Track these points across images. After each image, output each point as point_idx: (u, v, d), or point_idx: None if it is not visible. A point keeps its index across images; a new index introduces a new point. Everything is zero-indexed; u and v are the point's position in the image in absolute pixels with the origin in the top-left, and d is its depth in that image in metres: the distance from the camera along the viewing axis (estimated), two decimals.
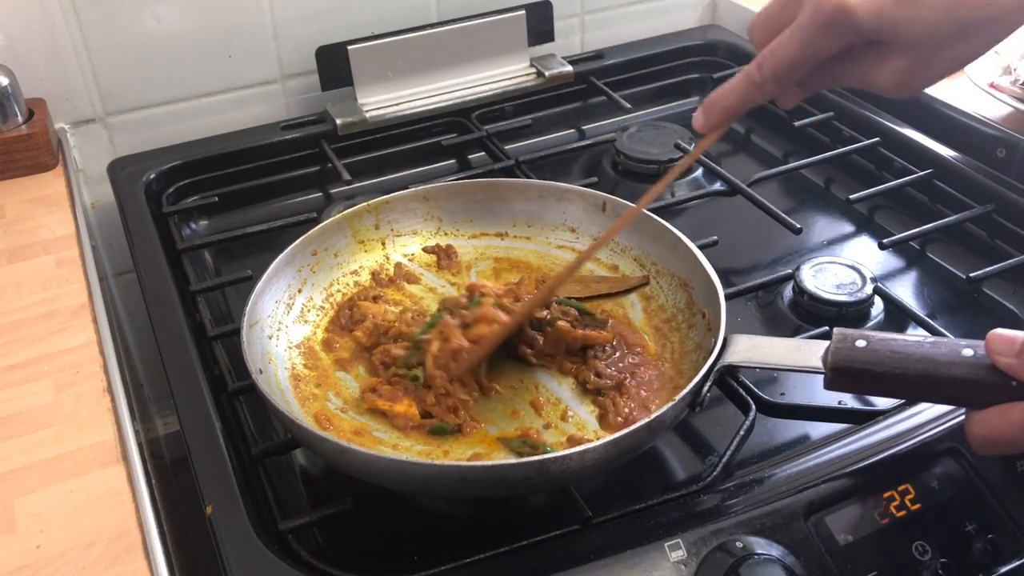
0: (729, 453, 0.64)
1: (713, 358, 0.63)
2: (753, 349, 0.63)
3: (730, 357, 0.63)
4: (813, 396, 0.72)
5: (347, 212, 0.81)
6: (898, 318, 0.79)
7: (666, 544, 0.57)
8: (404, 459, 0.60)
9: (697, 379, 0.61)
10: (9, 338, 0.74)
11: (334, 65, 1.04)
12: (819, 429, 0.69)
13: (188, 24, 1.01)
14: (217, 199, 0.98)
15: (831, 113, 1.05)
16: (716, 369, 0.63)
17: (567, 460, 0.56)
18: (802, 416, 0.70)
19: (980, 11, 0.51)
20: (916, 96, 1.03)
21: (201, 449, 0.65)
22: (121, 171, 0.99)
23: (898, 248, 0.89)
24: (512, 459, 0.62)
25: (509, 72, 1.11)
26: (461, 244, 0.85)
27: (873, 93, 0.54)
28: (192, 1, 1.00)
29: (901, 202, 0.96)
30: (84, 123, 1.03)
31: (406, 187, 0.86)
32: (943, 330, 0.74)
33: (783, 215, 0.88)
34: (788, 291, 0.82)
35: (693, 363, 0.69)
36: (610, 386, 0.69)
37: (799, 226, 0.86)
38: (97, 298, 0.78)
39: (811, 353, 0.60)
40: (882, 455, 0.62)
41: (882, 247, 0.86)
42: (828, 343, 0.58)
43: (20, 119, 0.94)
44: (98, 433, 0.65)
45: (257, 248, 0.91)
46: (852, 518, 0.60)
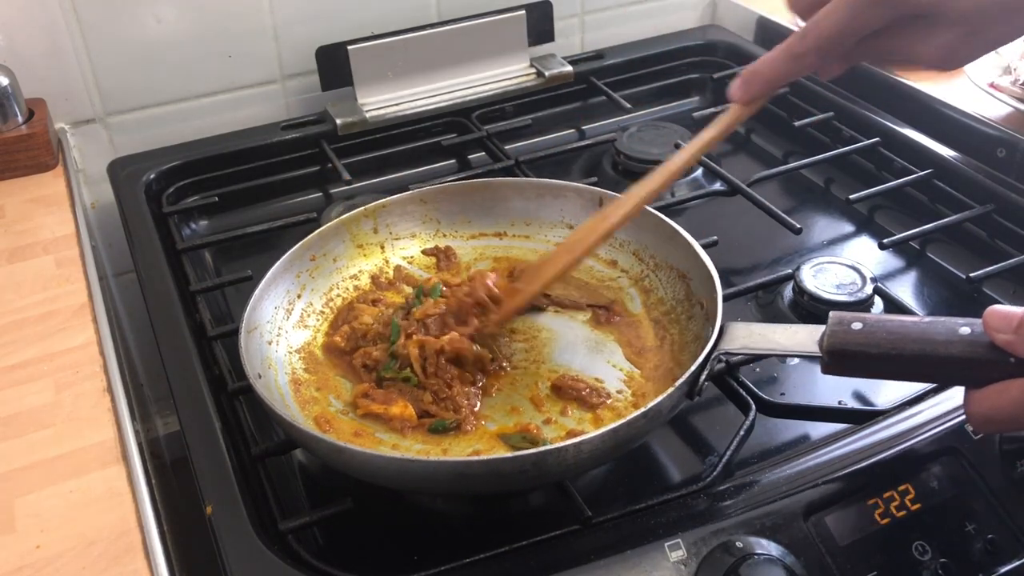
0: (729, 453, 0.64)
1: (710, 345, 0.62)
2: (750, 336, 0.63)
3: (727, 344, 0.63)
4: (813, 396, 0.72)
5: (345, 217, 0.81)
6: None
7: (666, 544, 0.57)
8: (401, 456, 0.60)
9: (694, 367, 0.61)
10: (9, 338, 0.74)
11: (334, 65, 1.04)
12: (819, 429, 0.69)
13: (188, 24, 1.01)
14: (217, 199, 0.98)
15: (831, 113, 1.05)
16: (713, 356, 0.63)
17: (563, 452, 0.56)
18: (802, 416, 0.70)
19: None
20: (916, 96, 1.03)
21: (201, 449, 0.65)
22: (121, 171, 0.99)
23: (898, 248, 0.89)
24: (509, 453, 0.62)
25: (509, 72, 1.11)
26: (460, 245, 0.85)
27: (917, 67, 0.54)
28: (192, 1, 1.00)
29: (901, 202, 0.96)
30: (84, 123, 1.03)
31: (406, 187, 0.86)
32: None
33: (783, 215, 0.88)
34: (788, 291, 0.82)
35: (692, 354, 0.69)
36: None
37: (799, 226, 0.86)
38: (97, 298, 0.78)
39: (808, 338, 0.59)
40: (882, 455, 0.62)
41: (882, 247, 0.86)
42: (824, 327, 0.58)
43: (20, 119, 0.94)
44: (98, 433, 0.65)
45: (257, 248, 0.92)
46: (852, 518, 0.60)
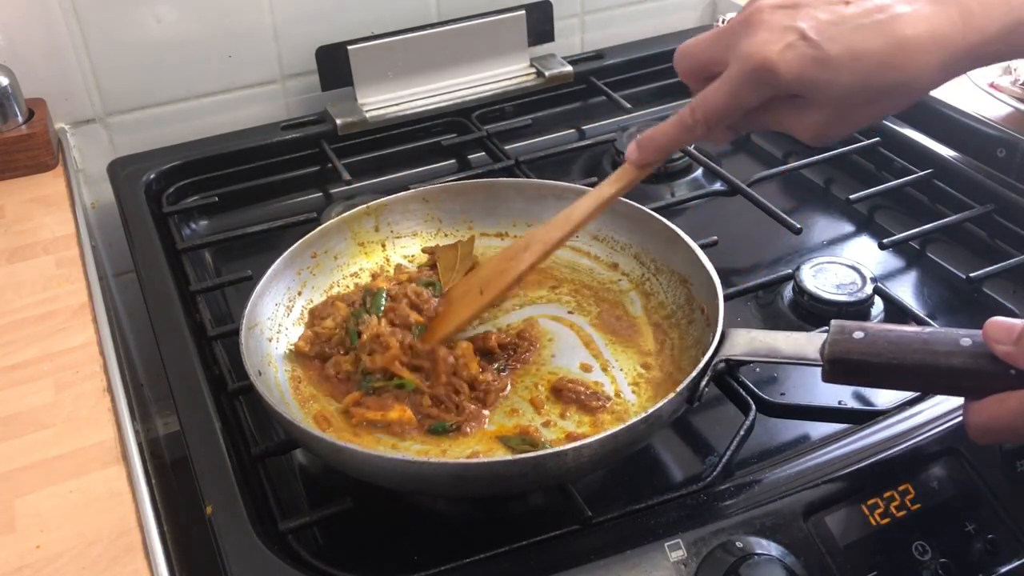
0: (729, 453, 0.64)
1: (711, 352, 0.63)
2: (751, 343, 0.63)
3: (728, 351, 0.63)
4: (813, 396, 0.72)
5: (347, 215, 0.81)
6: (898, 318, 0.79)
7: (666, 544, 0.57)
8: (400, 457, 0.60)
9: (695, 373, 0.61)
10: (9, 338, 0.74)
11: (334, 65, 1.04)
12: (819, 429, 0.69)
13: (188, 24, 1.01)
14: (217, 199, 0.98)
15: None
16: (714, 363, 0.63)
17: (563, 456, 0.56)
18: (802, 416, 0.70)
19: (893, 77, 0.56)
20: None
21: (201, 449, 0.65)
22: (121, 171, 0.99)
23: (898, 248, 0.89)
24: (508, 456, 0.62)
25: (509, 72, 1.11)
26: None
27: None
28: (192, 1, 1.00)
29: (901, 202, 0.96)
30: (84, 123, 1.03)
31: (406, 187, 0.86)
32: None
33: (783, 215, 0.88)
34: (788, 291, 0.82)
35: (692, 359, 0.69)
36: None
37: (799, 226, 0.86)
38: (97, 298, 0.78)
39: (809, 345, 0.60)
40: (882, 455, 0.62)
41: (882, 247, 0.86)
42: (826, 335, 0.58)
43: (20, 119, 0.94)
44: (98, 433, 0.65)
45: (257, 248, 0.91)
46: (852, 518, 0.60)
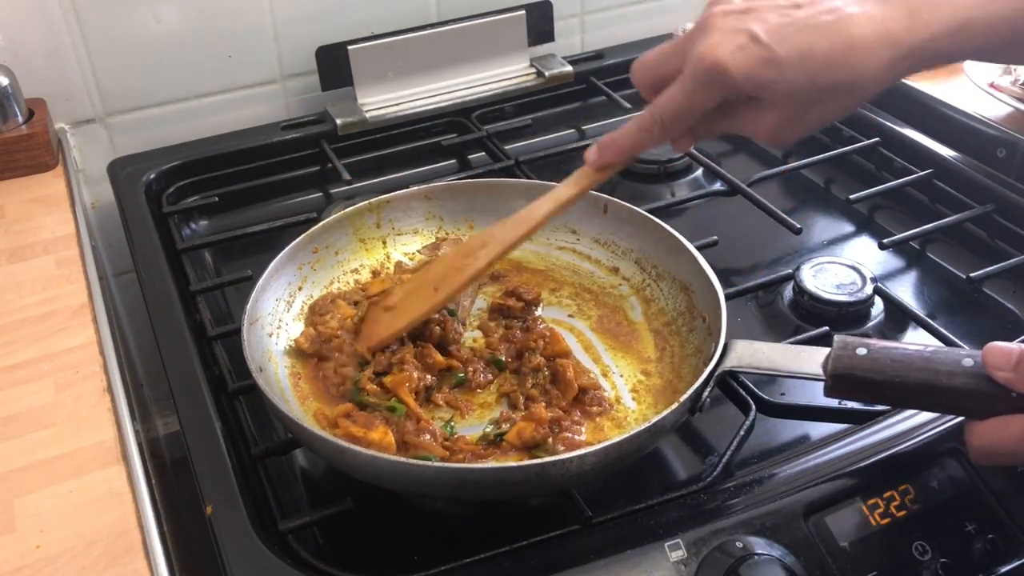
0: (729, 453, 0.64)
1: (713, 364, 0.63)
2: (753, 355, 0.63)
3: (730, 362, 0.63)
4: (813, 396, 0.72)
5: (349, 210, 0.81)
6: (898, 318, 0.79)
7: (666, 544, 0.57)
8: (404, 460, 0.60)
9: (697, 384, 0.61)
10: (9, 338, 0.74)
11: (334, 65, 1.04)
12: (819, 429, 0.69)
13: (188, 24, 1.01)
14: (217, 199, 0.98)
15: None
16: (716, 374, 0.63)
17: (567, 464, 0.56)
18: (802, 416, 0.70)
19: (841, 76, 0.56)
20: (916, 96, 1.03)
21: (201, 449, 0.65)
22: (121, 171, 0.99)
23: (898, 248, 0.89)
24: (512, 462, 0.63)
25: (509, 72, 1.11)
26: None
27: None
28: (192, 1, 1.00)
29: (901, 202, 0.96)
30: (84, 123, 1.03)
31: (406, 187, 0.86)
32: (943, 330, 0.74)
33: (783, 215, 0.88)
34: (788, 291, 0.82)
35: (693, 367, 0.69)
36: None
37: (799, 226, 0.86)
38: (97, 298, 0.78)
39: (811, 360, 0.60)
40: (882, 455, 0.62)
41: (882, 247, 0.86)
42: (829, 350, 0.58)
43: (20, 119, 0.94)
44: (98, 433, 0.65)
45: (257, 248, 0.91)
46: (852, 518, 0.60)
